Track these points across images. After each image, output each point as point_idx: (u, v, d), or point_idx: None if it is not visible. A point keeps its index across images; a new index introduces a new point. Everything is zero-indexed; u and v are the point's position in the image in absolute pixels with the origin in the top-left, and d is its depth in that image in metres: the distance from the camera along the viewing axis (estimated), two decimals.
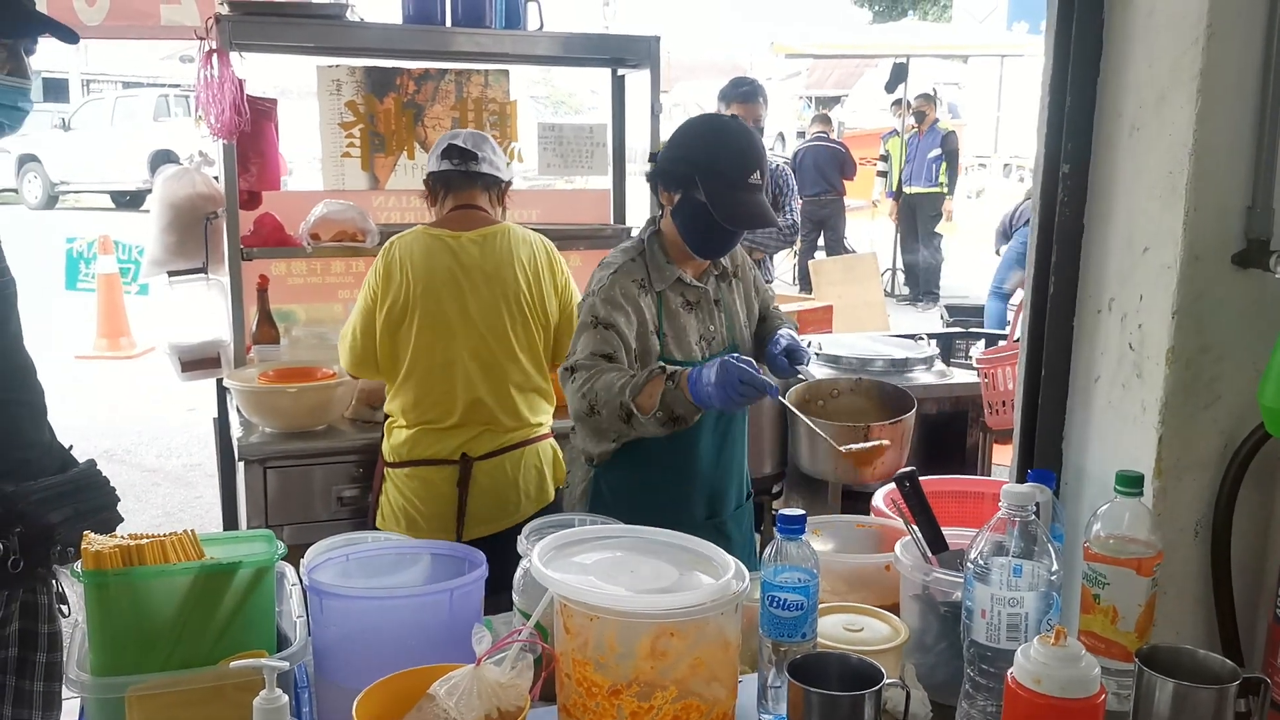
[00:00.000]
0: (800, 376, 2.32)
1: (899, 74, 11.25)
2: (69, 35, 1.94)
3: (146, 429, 6.47)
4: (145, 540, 1.58)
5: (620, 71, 3.62)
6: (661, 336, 2.25)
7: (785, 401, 2.14)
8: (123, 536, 1.62)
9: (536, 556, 1.45)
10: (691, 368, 2.07)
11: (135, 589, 1.53)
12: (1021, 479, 1.69)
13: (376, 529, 2.68)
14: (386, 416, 2.77)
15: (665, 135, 3.44)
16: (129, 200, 17.12)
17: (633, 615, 1.34)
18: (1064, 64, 1.64)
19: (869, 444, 2.08)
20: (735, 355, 2.03)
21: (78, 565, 1.57)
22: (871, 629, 1.56)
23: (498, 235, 2.70)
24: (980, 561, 1.35)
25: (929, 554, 1.61)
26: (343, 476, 2.98)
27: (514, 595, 1.77)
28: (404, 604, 1.63)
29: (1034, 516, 1.35)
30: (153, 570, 1.55)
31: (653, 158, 2.30)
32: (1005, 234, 8.24)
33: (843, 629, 1.55)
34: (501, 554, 1.88)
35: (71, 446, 2.10)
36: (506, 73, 3.62)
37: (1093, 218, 1.65)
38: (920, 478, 1.69)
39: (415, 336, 2.61)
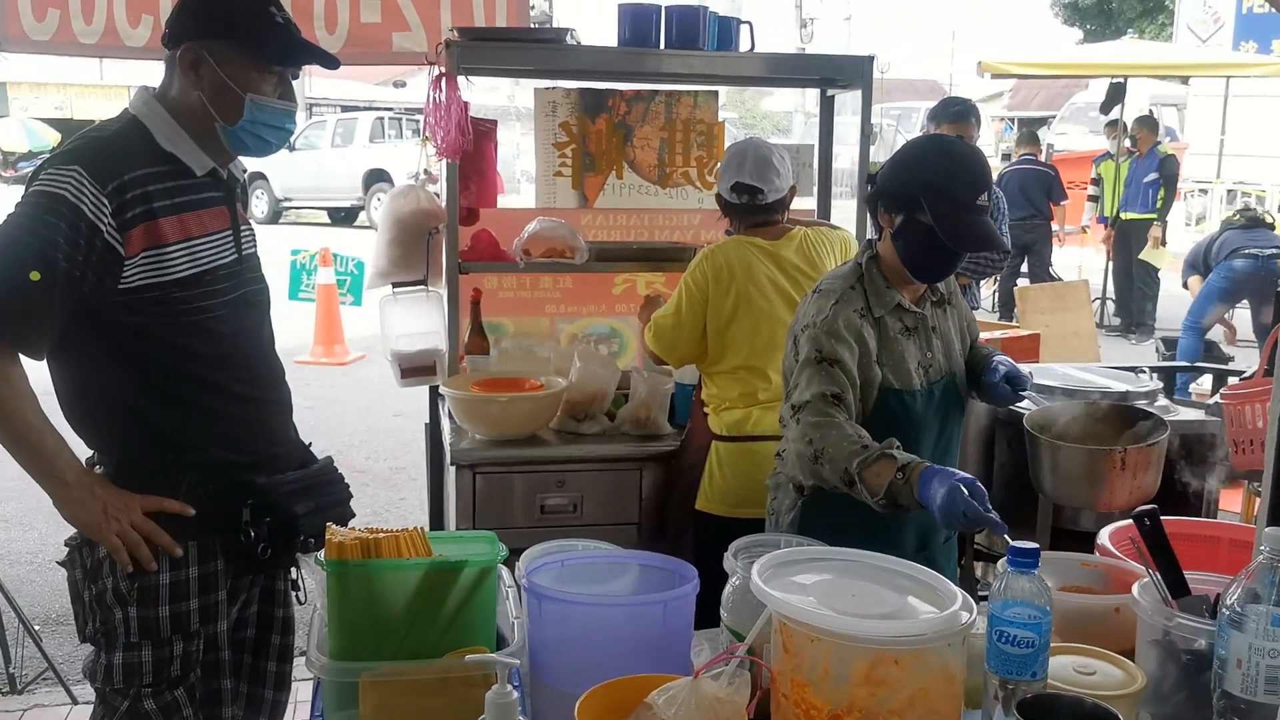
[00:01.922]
0: (1024, 404, 2.24)
1: (1116, 94, 10.70)
2: (331, 61, 2.09)
3: (357, 432, 6.84)
4: (382, 535, 1.67)
5: (830, 92, 3.60)
6: (881, 365, 2.19)
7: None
8: (361, 530, 1.72)
9: (756, 574, 1.44)
10: (925, 468, 1.94)
11: (372, 580, 1.61)
12: (1273, 524, 1.57)
13: (697, 511, 2.89)
14: (702, 402, 2.99)
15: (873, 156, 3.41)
16: (344, 216, 18.20)
17: (858, 640, 1.32)
18: None
19: (1148, 443, 2.00)
20: (968, 483, 1.88)
21: (320, 554, 1.67)
22: (1104, 673, 1.48)
23: (801, 237, 2.90)
24: (1236, 609, 1.27)
25: (1170, 598, 1.52)
26: (546, 485, 3.06)
27: (722, 612, 1.78)
28: (620, 611, 1.66)
29: None
30: (389, 563, 1.63)
31: (871, 179, 2.26)
32: (1195, 265, 7.71)
33: (1073, 671, 1.48)
34: None
35: (310, 444, 2.25)
36: (715, 94, 3.66)
37: None
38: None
39: (746, 331, 2.83)
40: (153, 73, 2.17)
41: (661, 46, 3.26)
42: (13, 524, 5.15)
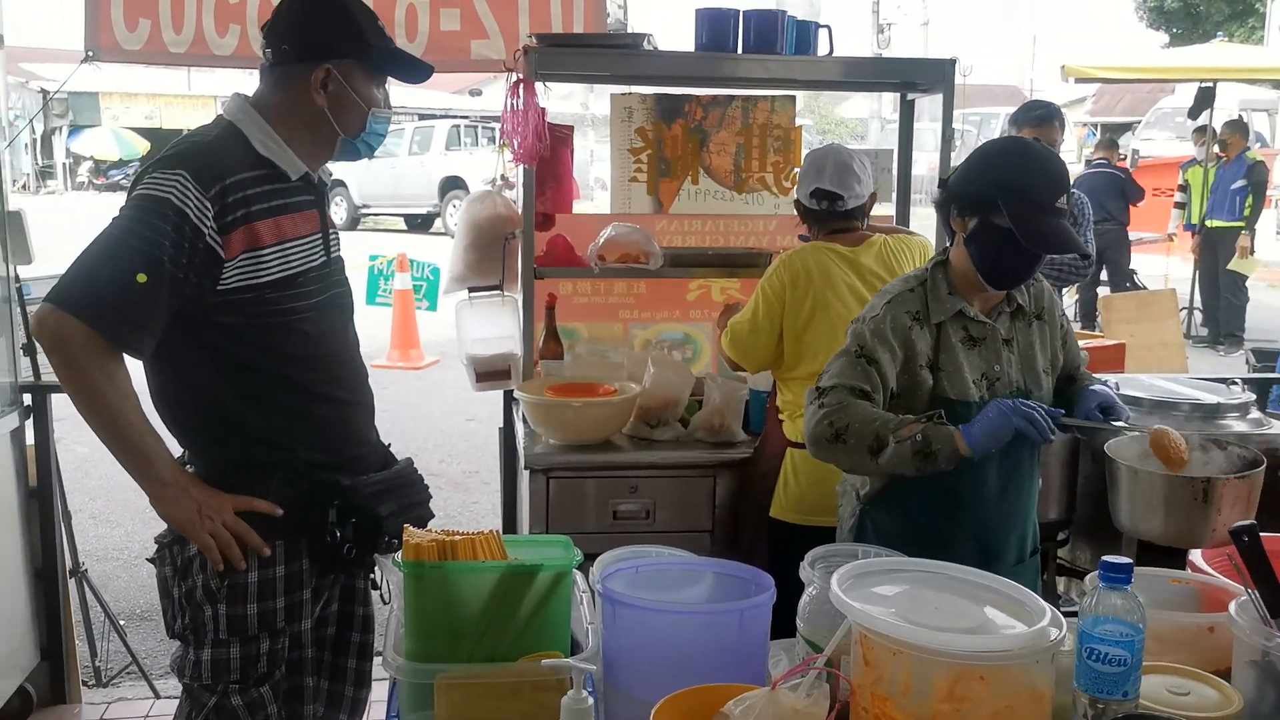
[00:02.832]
0: (1120, 435, 2.17)
1: (1204, 99, 10.40)
2: (428, 70, 2.13)
3: (430, 436, 6.92)
4: (458, 537, 1.68)
5: (910, 96, 3.55)
6: (936, 372, 2.15)
7: (1070, 423, 2.02)
8: (438, 532, 1.73)
9: (836, 584, 1.42)
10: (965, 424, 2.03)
11: (448, 582, 1.62)
12: None
13: (771, 519, 2.85)
14: (777, 409, 2.95)
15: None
16: (420, 223, 18.48)
17: (942, 654, 1.29)
18: None
19: (1238, 476, 1.93)
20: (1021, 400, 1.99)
21: (398, 555, 1.69)
22: (1198, 694, 1.43)
23: (880, 244, 2.87)
24: None
25: (1270, 617, 1.46)
26: (619, 490, 3.05)
27: (799, 621, 1.75)
28: (695, 619, 1.64)
29: None
30: (464, 566, 1.64)
31: (943, 183, 2.21)
32: None
33: (1165, 691, 1.43)
34: None
35: (390, 445, 2.27)
36: (793, 99, 3.63)
37: None
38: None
39: (823, 337, 2.78)
40: (237, 81, 2.22)
41: (739, 51, 3.24)
42: (100, 521, 5.30)
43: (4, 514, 3.25)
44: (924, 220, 3.47)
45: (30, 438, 3.35)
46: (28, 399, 3.32)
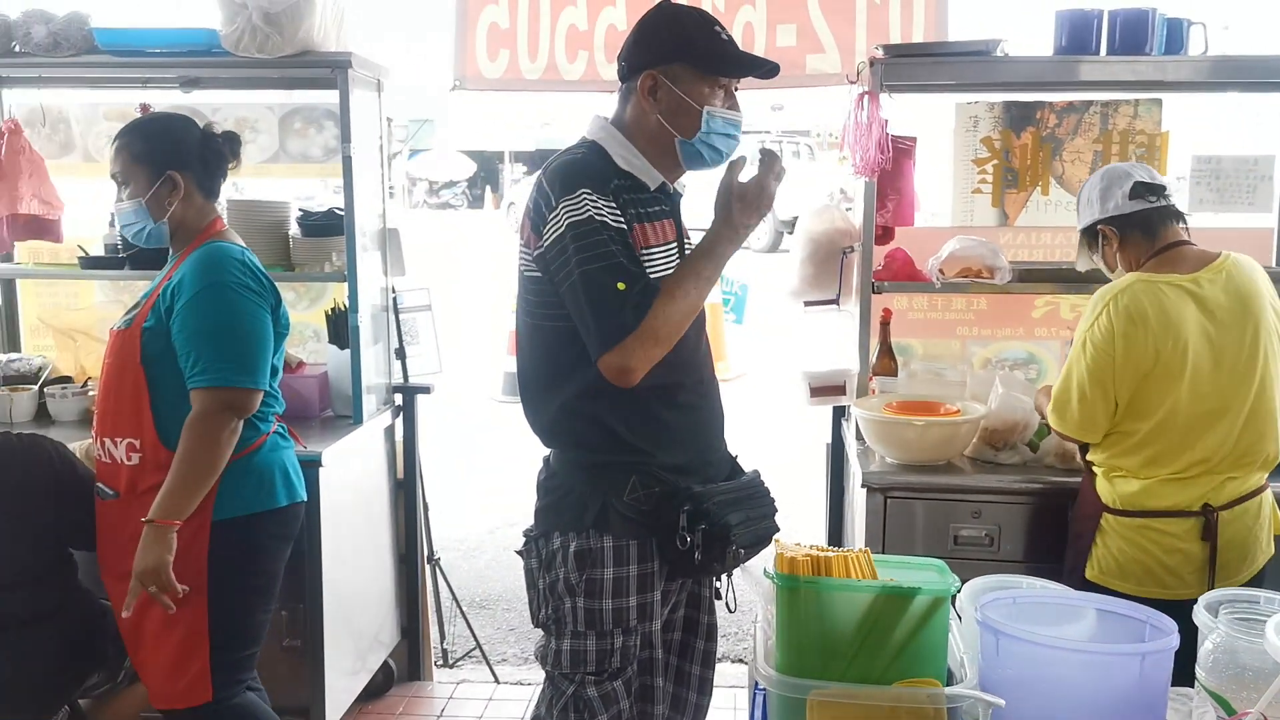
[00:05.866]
0: None
1: None
2: (772, 69, 2.14)
3: (741, 448, 6.97)
4: (831, 553, 1.66)
5: None
6: None
7: None
8: (809, 547, 1.72)
9: (1275, 634, 1.27)
10: None
11: (821, 598, 1.60)
12: None
13: (1086, 580, 2.49)
14: (1090, 463, 2.59)
15: None
16: None
17: None
18: None
19: None
20: None
21: (769, 566, 1.69)
22: None
23: (1228, 267, 2.43)
24: None
25: None
26: (961, 514, 2.93)
27: (1198, 671, 1.60)
28: (1091, 660, 1.53)
29: None
30: (838, 583, 1.62)
31: None
32: None
33: None
34: None
35: (738, 456, 2.30)
36: (1159, 102, 3.36)
37: None
38: None
39: (1160, 396, 2.39)
40: (549, 103, 2.32)
41: (1103, 53, 3.04)
42: (443, 514, 5.71)
43: (378, 503, 3.58)
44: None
45: (399, 434, 3.67)
46: (398, 399, 3.64)
